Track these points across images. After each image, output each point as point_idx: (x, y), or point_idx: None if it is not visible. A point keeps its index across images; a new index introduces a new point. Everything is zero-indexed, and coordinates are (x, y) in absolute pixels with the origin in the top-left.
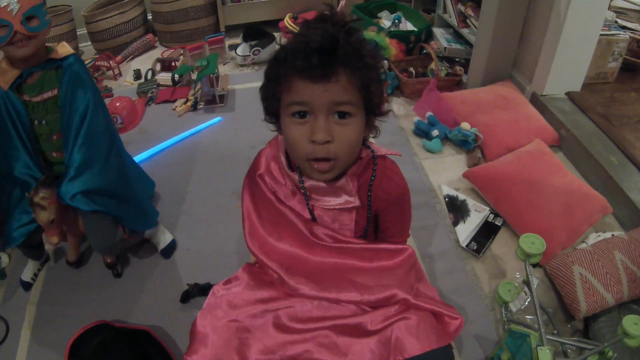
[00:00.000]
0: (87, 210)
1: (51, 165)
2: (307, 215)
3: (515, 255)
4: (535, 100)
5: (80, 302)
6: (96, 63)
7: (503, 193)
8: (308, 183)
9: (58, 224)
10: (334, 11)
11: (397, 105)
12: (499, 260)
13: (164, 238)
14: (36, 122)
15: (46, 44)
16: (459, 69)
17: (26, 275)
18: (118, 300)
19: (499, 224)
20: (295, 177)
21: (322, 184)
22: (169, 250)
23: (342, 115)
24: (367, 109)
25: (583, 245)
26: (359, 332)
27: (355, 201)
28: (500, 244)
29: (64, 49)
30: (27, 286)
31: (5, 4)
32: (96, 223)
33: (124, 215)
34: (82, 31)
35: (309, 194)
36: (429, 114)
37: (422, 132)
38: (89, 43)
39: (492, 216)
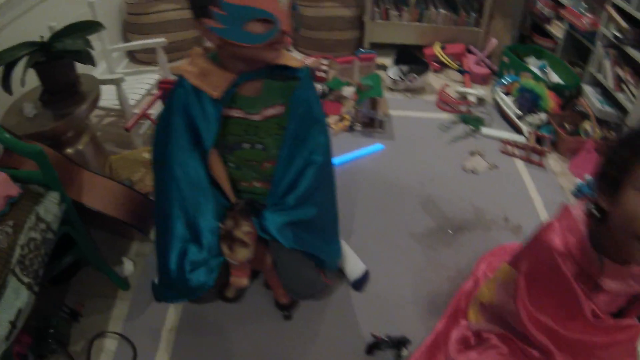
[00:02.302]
0: (289, 248)
1: (237, 193)
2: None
3: None
4: None
5: (234, 337)
6: None
7: None
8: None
9: (251, 261)
10: None
11: (553, 162)
12: None
13: (357, 267)
14: (247, 145)
15: None
16: (610, 132)
17: None
18: (283, 341)
19: None
20: (596, 260)
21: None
22: (362, 281)
23: None
24: None
25: None
26: None
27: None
28: None
29: (292, 58)
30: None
31: None
32: (298, 266)
33: (326, 255)
34: None
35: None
36: (589, 177)
37: (583, 196)
38: None
39: None
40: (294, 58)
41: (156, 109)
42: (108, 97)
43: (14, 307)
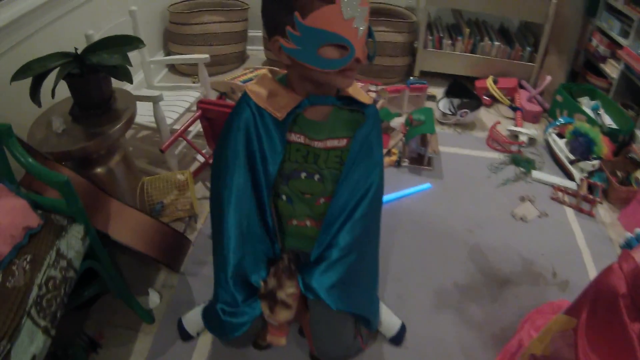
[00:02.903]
0: (335, 310)
1: (282, 235)
2: None
3: None
4: None
5: None
6: None
7: None
8: None
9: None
10: None
11: (604, 212)
12: None
13: (392, 322)
14: (304, 174)
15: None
16: None
17: (191, 326)
18: None
19: None
20: None
21: None
22: (400, 336)
23: None
24: None
25: None
26: None
27: None
28: None
29: (361, 92)
30: (186, 337)
31: (350, 17)
32: (336, 328)
33: (370, 314)
34: (255, 33)
35: None
36: (639, 230)
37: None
38: (261, 47)
39: None
40: (363, 93)
41: (194, 129)
42: (143, 112)
43: (28, 353)
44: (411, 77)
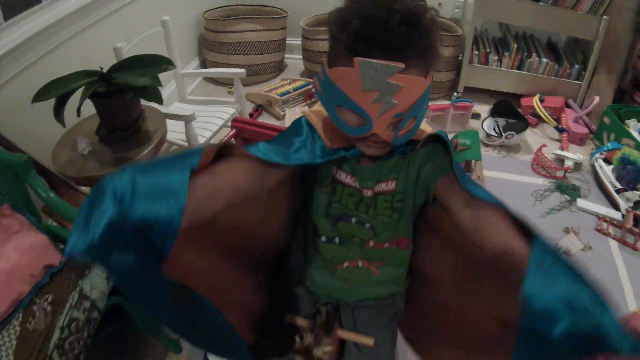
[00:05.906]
0: None
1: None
2: None
3: None
4: None
5: None
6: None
7: None
8: None
9: None
10: None
11: None
12: None
13: None
14: (354, 220)
15: None
16: None
17: None
18: None
19: None
20: None
21: None
22: None
23: None
24: None
25: None
26: None
27: None
28: None
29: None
30: None
31: (369, 89)
32: None
33: None
34: (295, 41)
35: None
36: None
37: None
38: (299, 57)
39: None
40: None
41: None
42: (174, 128)
43: None
44: (455, 94)
